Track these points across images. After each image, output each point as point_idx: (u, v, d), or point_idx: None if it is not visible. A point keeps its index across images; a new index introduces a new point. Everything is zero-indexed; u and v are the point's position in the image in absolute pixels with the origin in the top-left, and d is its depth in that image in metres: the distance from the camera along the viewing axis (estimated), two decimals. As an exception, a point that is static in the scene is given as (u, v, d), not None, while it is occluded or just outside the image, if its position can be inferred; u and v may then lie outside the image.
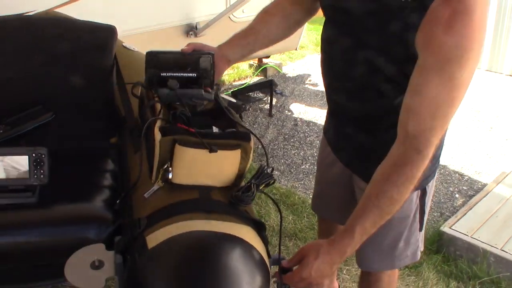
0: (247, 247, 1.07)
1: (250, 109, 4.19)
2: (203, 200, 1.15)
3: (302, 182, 3.23)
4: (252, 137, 1.25)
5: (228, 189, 1.24)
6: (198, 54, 1.38)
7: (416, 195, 1.44)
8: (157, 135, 1.17)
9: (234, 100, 3.57)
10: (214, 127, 1.35)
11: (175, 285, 0.98)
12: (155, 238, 1.06)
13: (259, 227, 1.18)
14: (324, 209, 1.81)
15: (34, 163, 1.23)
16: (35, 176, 1.23)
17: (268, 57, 4.85)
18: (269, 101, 4.16)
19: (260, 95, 4.35)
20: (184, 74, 1.33)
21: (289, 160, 3.49)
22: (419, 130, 1.06)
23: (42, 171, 1.23)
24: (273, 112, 4.14)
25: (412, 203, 1.45)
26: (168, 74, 1.32)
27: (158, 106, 1.30)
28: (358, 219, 1.10)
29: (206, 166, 1.19)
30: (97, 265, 1.19)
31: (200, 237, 1.05)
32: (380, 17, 1.13)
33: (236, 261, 1.03)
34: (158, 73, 1.31)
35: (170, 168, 1.17)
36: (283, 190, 3.04)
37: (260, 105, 4.28)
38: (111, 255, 1.12)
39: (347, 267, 2.34)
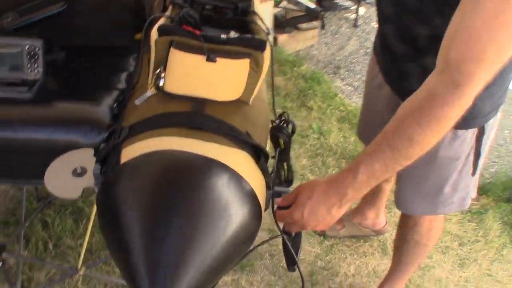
0: (233, 177, 0.90)
1: (334, 17, 3.86)
2: (193, 114, 0.99)
3: (375, 102, 2.96)
4: (268, 45, 1.05)
5: (233, 103, 1.07)
6: None
7: (471, 134, 1.19)
8: (154, 35, 1.02)
9: (312, 6, 3.26)
10: (233, 32, 1.16)
11: (137, 208, 0.86)
12: (130, 152, 0.93)
13: (259, 154, 1.01)
14: (369, 137, 1.59)
15: (28, 56, 1.12)
16: (29, 70, 1.14)
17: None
18: (356, 11, 3.80)
19: (348, 3, 3.97)
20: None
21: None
22: (463, 59, 0.80)
23: (36, 65, 1.13)
24: (358, 23, 3.78)
25: (465, 143, 1.20)
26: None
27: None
28: (366, 157, 0.89)
29: (205, 76, 1.02)
30: (79, 173, 1.10)
31: (175, 158, 0.90)
32: None
33: (214, 192, 0.86)
34: None
35: (162, 74, 1.02)
36: (352, 108, 2.80)
37: (346, 14, 3.93)
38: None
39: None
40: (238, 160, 0.95)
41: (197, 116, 0.99)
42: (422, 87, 0.87)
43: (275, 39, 3.15)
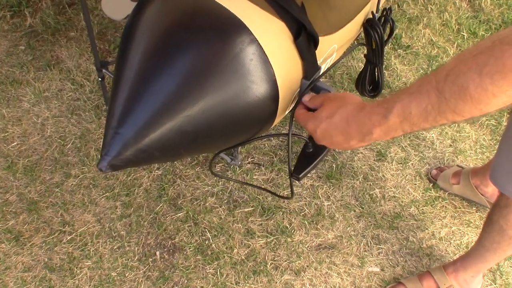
0: (254, 49, 0.79)
1: None
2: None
3: None
4: None
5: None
6: None
7: None
8: None
9: None
10: None
11: (145, 40, 0.80)
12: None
13: (299, 32, 0.86)
14: None
15: None
16: None
17: None
18: None
19: None
20: None
21: None
22: None
23: None
24: None
25: None
26: None
27: None
28: (405, 96, 0.68)
29: None
30: (138, 0, 1.09)
31: (204, 4, 0.81)
32: None
33: (224, 55, 0.77)
34: None
35: None
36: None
37: None
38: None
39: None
40: (270, 30, 0.82)
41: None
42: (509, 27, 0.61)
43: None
